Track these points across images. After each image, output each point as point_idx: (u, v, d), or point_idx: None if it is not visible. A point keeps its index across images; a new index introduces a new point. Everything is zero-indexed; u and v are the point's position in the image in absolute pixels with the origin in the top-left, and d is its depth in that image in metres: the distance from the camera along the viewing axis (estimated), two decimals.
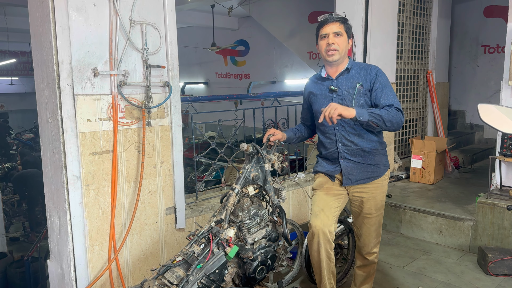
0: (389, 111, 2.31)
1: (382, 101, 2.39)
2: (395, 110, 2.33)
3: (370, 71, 2.45)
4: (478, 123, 6.97)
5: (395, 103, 2.37)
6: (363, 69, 2.48)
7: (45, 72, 2.58)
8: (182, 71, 3.19)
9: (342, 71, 2.50)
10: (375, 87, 2.42)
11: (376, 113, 2.28)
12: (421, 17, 5.78)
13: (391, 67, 5.05)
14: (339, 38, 2.41)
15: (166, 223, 3.11)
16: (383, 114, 2.29)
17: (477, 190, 4.40)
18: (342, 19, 2.44)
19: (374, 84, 2.42)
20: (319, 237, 2.45)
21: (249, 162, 2.52)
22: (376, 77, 2.42)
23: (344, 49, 2.44)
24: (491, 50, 6.66)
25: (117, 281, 2.87)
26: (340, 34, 2.41)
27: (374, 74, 2.43)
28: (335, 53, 2.42)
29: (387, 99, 2.38)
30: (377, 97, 2.41)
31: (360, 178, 2.53)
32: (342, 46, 2.42)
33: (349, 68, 2.49)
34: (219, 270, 2.25)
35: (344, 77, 2.49)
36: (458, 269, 3.49)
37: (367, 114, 2.25)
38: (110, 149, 2.75)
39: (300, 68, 9.27)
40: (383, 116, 2.28)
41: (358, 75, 2.46)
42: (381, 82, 2.42)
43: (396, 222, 4.28)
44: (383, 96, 2.39)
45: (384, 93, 2.40)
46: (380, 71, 2.47)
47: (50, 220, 2.84)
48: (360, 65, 2.52)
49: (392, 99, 2.39)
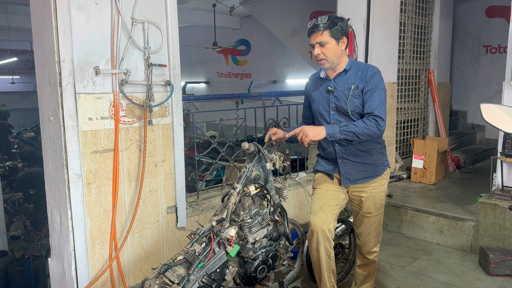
0: (365, 123, 2.32)
1: (366, 107, 2.38)
2: (371, 120, 2.32)
3: (367, 72, 2.42)
4: (480, 123, 6.97)
5: (376, 110, 2.34)
6: (360, 70, 2.45)
7: (47, 70, 2.58)
8: (183, 71, 3.19)
9: (339, 72, 2.48)
10: (366, 89, 2.39)
11: (348, 130, 2.31)
12: (423, 17, 5.77)
13: (392, 67, 5.04)
14: (324, 47, 2.37)
15: (167, 222, 3.11)
16: (355, 129, 2.31)
17: (478, 190, 4.40)
18: (325, 25, 2.34)
19: (367, 84, 2.39)
20: (318, 235, 2.45)
21: (250, 161, 2.52)
22: (369, 79, 2.39)
23: (332, 55, 2.39)
24: (493, 50, 6.65)
25: (118, 280, 2.87)
26: (324, 43, 2.36)
27: (370, 75, 2.40)
28: (324, 62, 2.42)
29: (371, 104, 2.36)
30: (365, 100, 2.40)
31: (359, 178, 2.53)
32: (329, 54, 2.38)
33: (347, 70, 2.47)
34: (220, 269, 2.25)
35: (341, 78, 2.48)
36: (459, 270, 3.49)
37: (338, 133, 2.31)
38: (112, 148, 2.75)
39: (302, 68, 9.26)
40: (356, 132, 2.31)
41: (355, 76, 2.44)
42: (372, 84, 2.38)
43: (397, 222, 4.28)
44: (369, 101, 2.37)
45: (371, 97, 2.37)
46: (377, 73, 2.42)
47: (51, 218, 2.84)
48: (359, 65, 2.49)
49: (374, 105, 2.35)
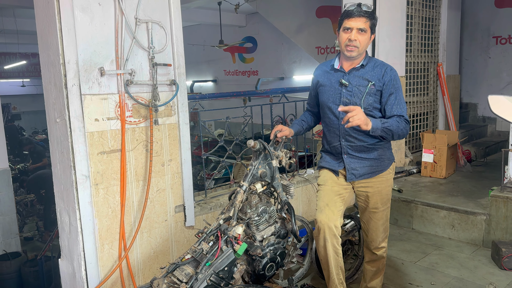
0: (399, 125, 2.33)
1: (394, 110, 2.38)
2: (404, 123, 2.35)
3: (386, 72, 2.40)
4: (491, 115, 6.85)
5: (405, 114, 2.39)
6: (378, 68, 2.42)
7: (52, 72, 2.59)
8: (191, 70, 3.18)
9: (356, 66, 2.44)
10: (389, 91, 2.38)
11: (389, 129, 2.30)
12: (431, 9, 5.69)
13: (400, 60, 4.99)
14: (362, 35, 2.33)
15: (175, 221, 3.12)
16: (394, 130, 2.31)
17: (490, 183, 4.33)
18: (370, 14, 2.32)
19: (388, 87, 2.38)
20: (324, 232, 2.43)
21: (256, 159, 2.51)
22: (390, 80, 2.39)
23: (364, 46, 2.37)
24: (503, 41, 6.53)
25: (128, 279, 2.89)
26: (364, 30, 2.33)
27: (389, 76, 2.39)
28: (355, 49, 2.35)
29: (400, 109, 2.39)
30: (390, 103, 2.39)
31: (364, 173, 2.51)
32: (363, 44, 2.35)
33: (364, 65, 2.43)
34: (228, 267, 2.25)
35: (357, 73, 2.43)
36: (471, 264, 3.44)
37: (380, 130, 2.27)
38: (118, 148, 2.76)
39: (309, 64, 9.21)
40: (394, 132, 2.32)
41: (372, 73, 2.41)
42: (396, 87, 2.40)
43: (407, 217, 4.23)
44: (396, 104, 2.39)
45: (397, 100, 2.39)
46: (396, 74, 2.42)
47: (60, 219, 2.86)
48: (376, 62, 2.46)
49: (404, 110, 2.40)
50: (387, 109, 2.40)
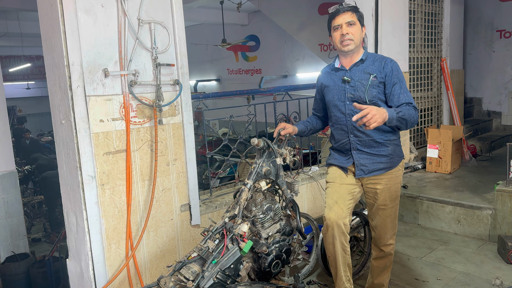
0: (410, 112, 2.33)
1: (402, 98, 2.39)
2: (413, 110, 2.36)
3: (386, 63, 2.43)
4: (496, 109, 6.83)
5: (413, 101, 2.40)
6: (377, 61, 2.46)
7: (57, 74, 2.62)
8: (194, 69, 3.20)
9: (356, 62, 2.47)
10: (392, 81, 2.41)
11: (403, 118, 2.29)
12: (433, 4, 5.66)
13: (403, 56, 4.97)
14: (353, 27, 2.40)
15: (181, 220, 3.14)
16: (407, 117, 2.30)
17: (495, 178, 4.31)
18: (353, 8, 2.42)
19: (390, 77, 2.41)
20: (333, 229, 2.43)
21: (260, 157, 2.52)
22: (392, 71, 2.41)
23: (358, 38, 2.42)
24: (507, 34, 6.50)
25: (135, 278, 2.91)
26: (353, 23, 2.40)
27: (390, 67, 2.42)
28: (350, 42, 2.41)
29: (407, 96, 2.40)
30: (395, 92, 2.40)
31: (374, 169, 2.50)
32: (356, 35, 2.41)
33: (363, 59, 2.47)
34: (234, 265, 2.26)
35: (358, 68, 2.47)
36: (478, 259, 3.44)
37: (395, 119, 2.26)
38: (124, 149, 2.78)
39: (312, 61, 9.20)
40: (408, 120, 2.31)
41: (373, 66, 2.44)
42: (399, 77, 2.42)
43: (413, 213, 4.23)
44: (402, 92, 2.40)
45: (402, 89, 2.41)
46: (396, 64, 2.46)
47: (67, 220, 2.89)
48: (375, 56, 2.51)
49: (411, 97, 2.41)
50: (394, 99, 2.40)
